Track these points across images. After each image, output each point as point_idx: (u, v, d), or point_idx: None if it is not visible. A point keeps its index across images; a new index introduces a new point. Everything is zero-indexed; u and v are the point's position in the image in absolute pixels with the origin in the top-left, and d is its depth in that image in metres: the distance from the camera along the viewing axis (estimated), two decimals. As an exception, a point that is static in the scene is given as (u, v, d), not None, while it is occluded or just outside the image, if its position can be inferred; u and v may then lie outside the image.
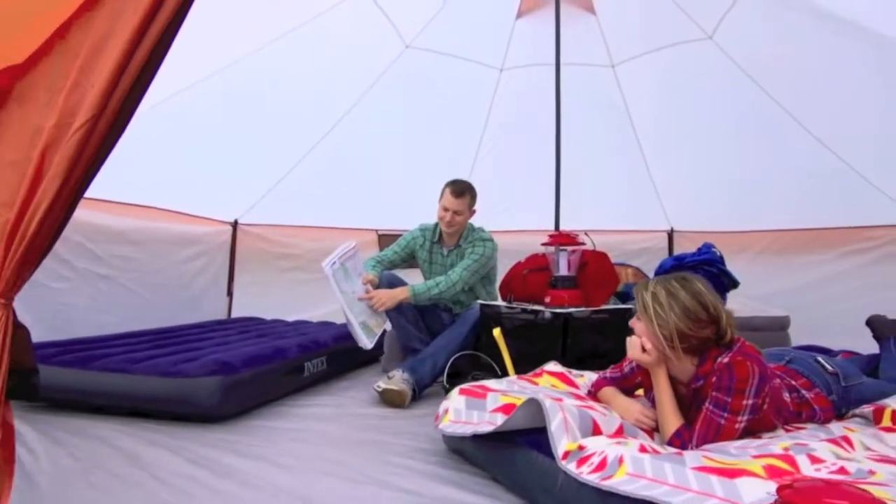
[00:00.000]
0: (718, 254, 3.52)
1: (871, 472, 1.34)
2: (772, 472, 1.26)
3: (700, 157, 4.34)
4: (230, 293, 4.51)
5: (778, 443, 1.53)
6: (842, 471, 1.36)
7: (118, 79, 1.03)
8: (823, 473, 1.33)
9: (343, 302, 2.83)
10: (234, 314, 4.49)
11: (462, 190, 3.28)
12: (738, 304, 3.76)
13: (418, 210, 3.57)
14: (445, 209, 3.25)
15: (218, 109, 3.53)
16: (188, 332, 3.38)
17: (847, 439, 1.61)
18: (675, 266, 3.54)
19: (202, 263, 4.16)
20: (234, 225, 4.55)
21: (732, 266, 3.59)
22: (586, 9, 3.77)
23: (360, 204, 4.54)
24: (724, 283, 3.44)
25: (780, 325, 3.46)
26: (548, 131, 3.49)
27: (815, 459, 1.39)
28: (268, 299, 4.49)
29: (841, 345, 2.93)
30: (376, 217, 4.66)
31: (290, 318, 4.25)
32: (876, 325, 2.81)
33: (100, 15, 1.08)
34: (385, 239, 4.59)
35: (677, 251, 4.72)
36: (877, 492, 1.16)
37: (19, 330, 1.16)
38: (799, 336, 3.47)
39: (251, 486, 1.77)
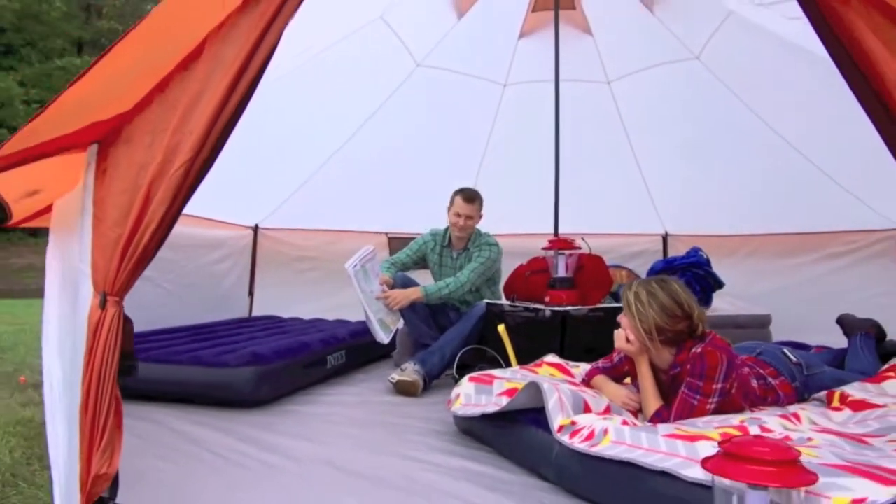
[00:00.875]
0: (705, 257, 3.82)
1: (810, 439, 1.64)
2: (725, 437, 1.56)
3: (692, 166, 4.60)
4: (251, 293, 4.81)
5: (737, 417, 1.83)
6: (786, 438, 1.65)
7: (211, 127, 1.33)
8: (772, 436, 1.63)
9: (363, 300, 3.12)
10: (255, 312, 4.78)
11: (472, 196, 3.57)
12: (727, 303, 4.05)
13: (426, 215, 3.87)
14: (458, 215, 3.53)
15: (242, 128, 3.82)
16: (218, 328, 3.69)
17: (796, 415, 1.91)
18: (665, 268, 3.84)
19: (228, 265, 4.47)
20: (255, 229, 4.85)
21: (722, 268, 3.90)
22: (583, 30, 4.06)
23: (371, 209, 4.81)
24: (710, 283, 3.74)
25: (761, 323, 3.73)
26: (548, 142, 3.76)
27: (764, 429, 1.69)
28: (286, 298, 4.77)
29: (820, 341, 3.22)
30: (387, 221, 4.93)
31: (307, 316, 4.54)
32: (845, 322, 3.11)
33: (194, 76, 1.38)
34: (395, 241, 4.86)
35: (671, 254, 5.00)
36: (805, 451, 1.46)
37: (126, 323, 1.46)
38: (783, 333, 3.73)
39: (293, 458, 2.07)
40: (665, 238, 5.23)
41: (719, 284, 3.75)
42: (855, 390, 2.26)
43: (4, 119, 18.67)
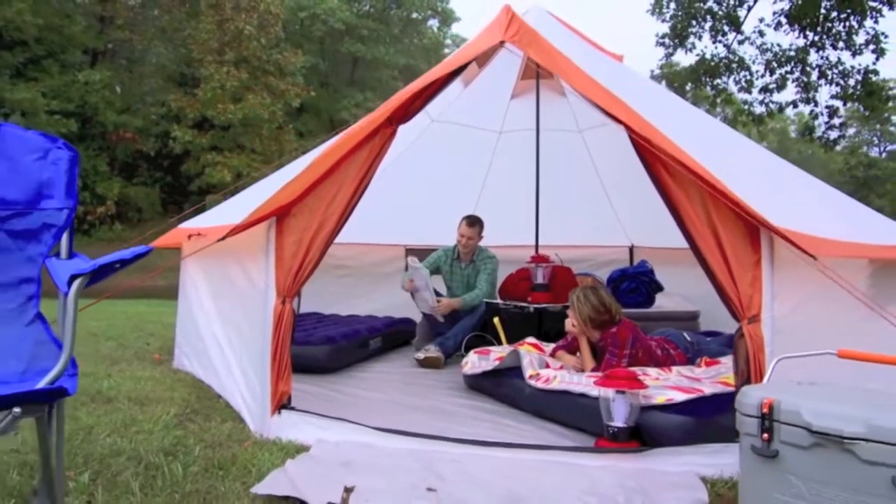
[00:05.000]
0: (650, 267, 5.07)
1: (668, 379, 2.89)
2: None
3: (650, 192, 5.79)
4: (299, 294, 6.03)
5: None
6: (656, 378, 2.90)
7: (344, 212, 2.59)
8: (647, 380, 2.87)
9: (417, 287, 4.45)
10: (302, 310, 6.00)
11: (473, 222, 4.82)
12: (674, 302, 5.28)
13: (436, 232, 5.14)
14: (462, 235, 4.79)
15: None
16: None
17: (669, 368, 3.16)
18: (619, 275, 5.10)
19: (287, 273, 5.72)
20: (302, 244, 6.08)
21: (674, 273, 5.14)
22: (559, 93, 5.30)
23: (393, 226, 6.01)
24: (653, 287, 4.99)
25: (692, 317, 4.96)
26: (532, 175, 5.00)
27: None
28: (325, 299, 5.97)
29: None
30: (405, 236, 6.15)
31: (343, 313, 5.75)
32: (742, 315, 4.35)
33: (333, 182, 2.63)
34: (411, 252, 6.08)
35: (636, 262, 6.22)
36: (657, 381, 2.71)
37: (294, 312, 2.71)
38: (711, 324, 4.94)
39: (365, 398, 3.33)
40: (631, 249, 6.45)
41: (660, 288, 5.01)
42: (725, 358, 3.51)
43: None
